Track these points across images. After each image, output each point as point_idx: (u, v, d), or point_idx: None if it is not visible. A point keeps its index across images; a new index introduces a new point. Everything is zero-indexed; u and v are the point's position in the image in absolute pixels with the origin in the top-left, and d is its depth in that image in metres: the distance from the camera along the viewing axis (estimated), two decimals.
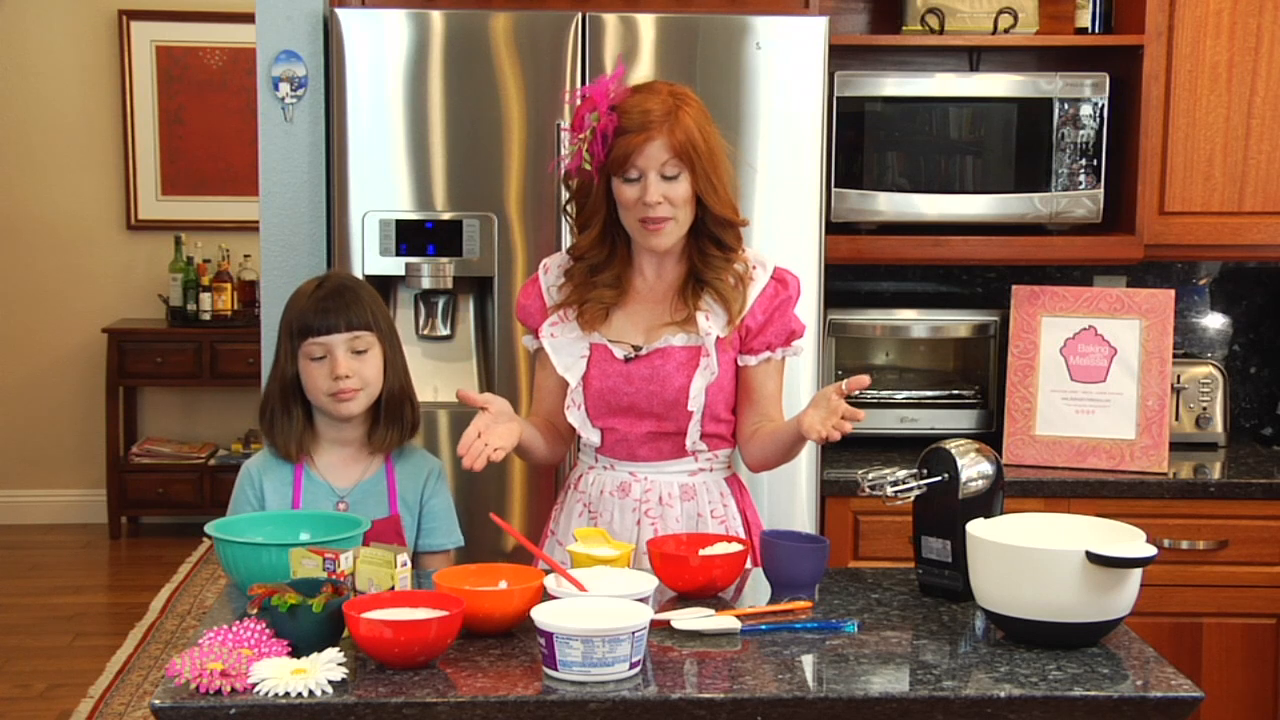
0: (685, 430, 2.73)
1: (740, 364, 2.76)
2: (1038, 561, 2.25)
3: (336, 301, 2.77)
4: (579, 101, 2.70)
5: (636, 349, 2.74)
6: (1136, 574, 2.27)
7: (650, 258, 2.75)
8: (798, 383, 3.32)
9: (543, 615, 2.10)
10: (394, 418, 2.82)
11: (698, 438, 2.74)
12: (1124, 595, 2.27)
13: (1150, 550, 2.25)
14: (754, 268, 2.76)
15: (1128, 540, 2.31)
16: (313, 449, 2.82)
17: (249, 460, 2.86)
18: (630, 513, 2.76)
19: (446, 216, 3.42)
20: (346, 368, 2.75)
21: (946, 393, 3.86)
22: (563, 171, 2.78)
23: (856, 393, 2.48)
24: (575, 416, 2.76)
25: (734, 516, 2.81)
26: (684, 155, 2.63)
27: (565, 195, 2.82)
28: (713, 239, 2.71)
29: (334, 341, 2.75)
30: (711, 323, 2.71)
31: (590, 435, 2.77)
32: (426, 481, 2.87)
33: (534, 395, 2.91)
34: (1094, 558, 2.21)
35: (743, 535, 2.79)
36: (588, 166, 2.67)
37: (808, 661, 2.21)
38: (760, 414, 2.77)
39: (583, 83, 3.38)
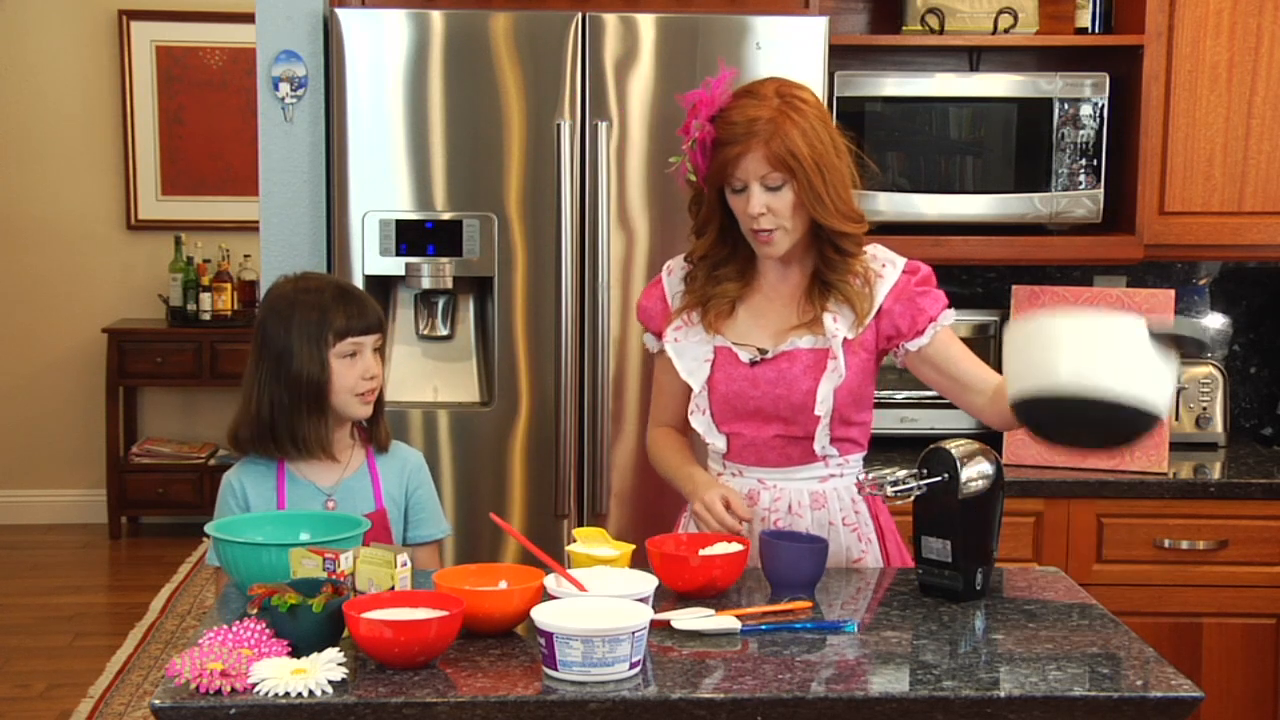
0: (813, 435, 2.67)
1: (913, 349, 2.68)
2: (1107, 328, 2.25)
3: (363, 300, 2.79)
4: (688, 107, 2.62)
5: (762, 352, 2.68)
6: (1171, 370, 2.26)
7: (772, 262, 2.69)
8: None
9: (543, 615, 2.10)
10: (382, 414, 2.85)
11: (827, 442, 2.68)
12: (1163, 383, 2.24)
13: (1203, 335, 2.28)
14: (883, 265, 2.69)
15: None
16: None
17: (228, 473, 2.83)
18: (759, 522, 2.70)
19: (446, 216, 3.43)
20: (377, 367, 2.77)
21: None
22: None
23: None
24: (700, 422, 2.72)
25: (866, 523, 2.75)
26: (784, 167, 2.54)
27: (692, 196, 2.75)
28: (831, 243, 2.64)
29: (367, 342, 2.76)
30: (839, 324, 2.65)
31: (716, 440, 2.72)
32: (410, 474, 2.87)
33: (655, 400, 2.87)
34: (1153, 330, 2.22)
35: (875, 543, 2.75)
36: (692, 178, 2.62)
37: (808, 661, 2.21)
38: (971, 381, 2.70)
39: (583, 82, 3.39)
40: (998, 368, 3.74)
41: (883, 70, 3.74)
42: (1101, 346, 2.24)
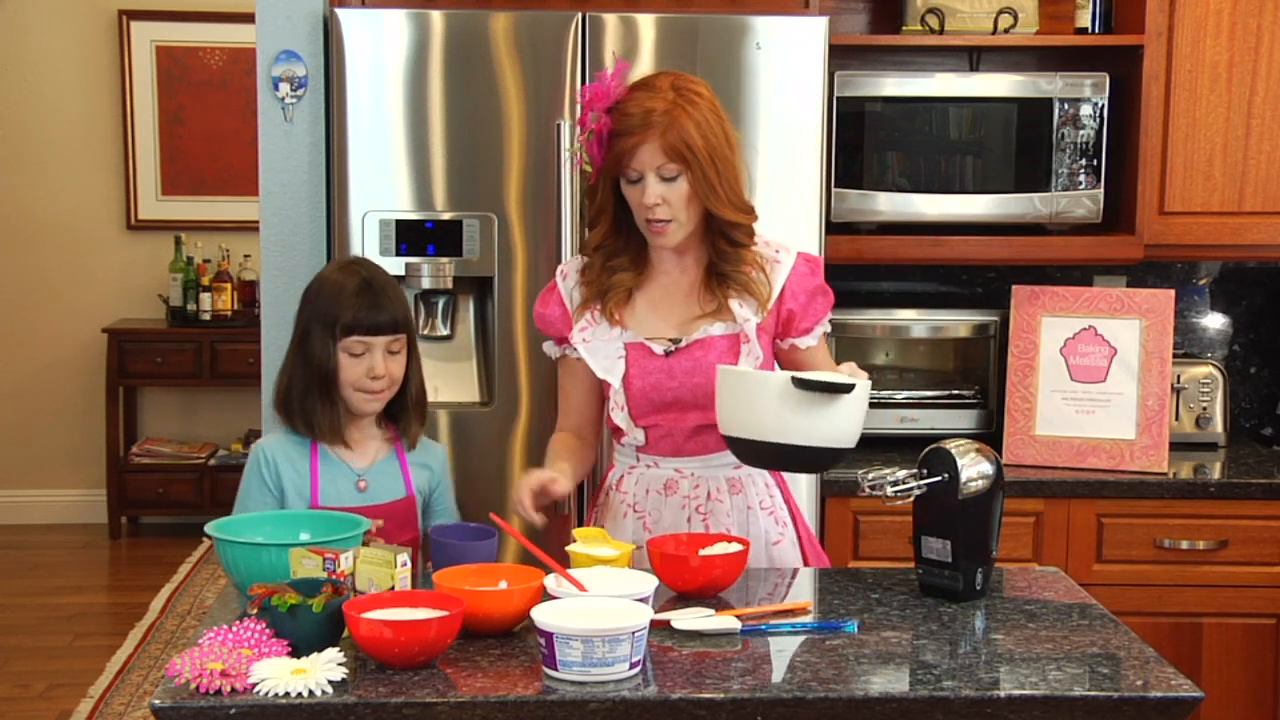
0: None
1: (801, 346, 2.76)
2: (750, 382, 2.50)
3: (381, 300, 2.79)
4: (584, 101, 2.68)
5: (675, 342, 2.72)
6: (842, 403, 2.44)
7: (666, 254, 2.74)
8: None
9: (543, 615, 2.10)
10: (419, 413, 2.88)
11: None
12: (830, 423, 2.45)
13: (850, 380, 2.45)
14: (777, 251, 2.75)
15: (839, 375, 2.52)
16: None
17: (260, 443, 2.86)
18: (679, 510, 2.74)
19: (446, 216, 3.43)
20: (384, 368, 2.78)
21: (946, 393, 3.86)
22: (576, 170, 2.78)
23: None
24: (620, 418, 2.75)
25: (781, 507, 2.80)
26: (679, 158, 2.60)
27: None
28: (724, 235, 2.69)
29: (376, 342, 2.78)
30: (745, 309, 2.70)
31: (635, 435, 2.75)
32: (437, 470, 2.94)
33: (561, 406, 2.88)
34: (798, 382, 2.43)
35: (791, 526, 2.80)
36: (588, 169, 2.69)
37: (808, 661, 2.21)
38: None
39: (583, 83, 3.38)
40: (999, 364, 3.76)
41: (883, 70, 3.74)
42: (769, 401, 2.48)
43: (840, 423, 2.47)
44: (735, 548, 2.51)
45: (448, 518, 2.91)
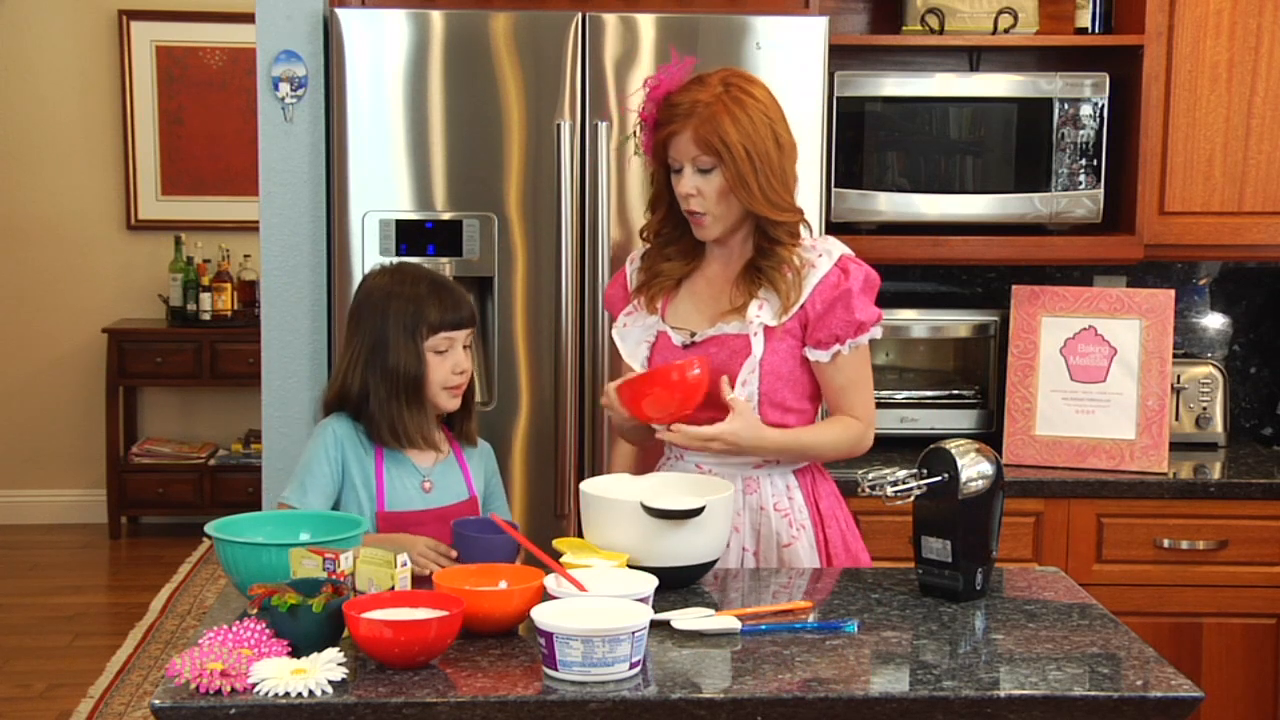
0: None
1: (811, 359, 2.72)
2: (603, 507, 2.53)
3: (459, 296, 2.81)
4: (647, 90, 2.73)
5: (693, 335, 2.74)
6: (695, 524, 2.45)
7: (715, 247, 2.77)
8: None
9: (543, 615, 2.10)
10: (472, 408, 2.90)
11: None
12: (686, 543, 2.46)
13: (697, 505, 2.45)
14: (819, 256, 2.71)
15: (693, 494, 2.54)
16: None
17: (330, 422, 2.81)
18: None
19: (446, 216, 3.43)
20: (467, 362, 2.80)
21: (946, 393, 3.86)
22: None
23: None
24: None
25: (800, 510, 2.76)
26: (712, 151, 2.62)
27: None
28: (764, 232, 2.70)
29: (459, 337, 2.79)
30: (764, 311, 2.69)
31: (660, 425, 2.77)
32: (488, 463, 2.95)
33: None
34: (648, 510, 2.45)
35: (809, 528, 2.76)
36: (637, 154, 2.75)
37: (808, 661, 2.21)
38: (831, 407, 2.77)
39: (582, 83, 3.39)
40: (999, 364, 3.76)
41: (883, 70, 3.74)
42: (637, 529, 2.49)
43: (699, 540, 2.49)
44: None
45: (504, 511, 2.91)
